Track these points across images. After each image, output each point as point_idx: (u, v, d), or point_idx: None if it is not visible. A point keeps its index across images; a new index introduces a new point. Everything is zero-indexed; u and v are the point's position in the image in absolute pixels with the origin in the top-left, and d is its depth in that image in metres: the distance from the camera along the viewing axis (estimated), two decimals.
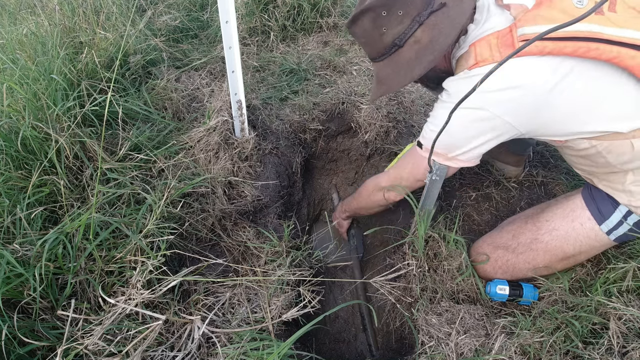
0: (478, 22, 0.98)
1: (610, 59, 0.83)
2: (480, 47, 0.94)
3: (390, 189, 1.26)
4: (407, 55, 1.02)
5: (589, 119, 0.91)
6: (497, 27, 0.93)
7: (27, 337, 0.82)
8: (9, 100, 1.23)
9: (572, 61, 0.86)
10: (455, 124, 0.97)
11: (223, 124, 1.41)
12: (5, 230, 1.01)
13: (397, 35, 1.01)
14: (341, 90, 1.86)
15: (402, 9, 0.98)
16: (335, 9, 2.36)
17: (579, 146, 0.98)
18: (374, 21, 1.01)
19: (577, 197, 1.11)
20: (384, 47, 1.05)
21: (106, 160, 1.22)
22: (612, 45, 0.82)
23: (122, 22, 1.84)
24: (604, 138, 0.93)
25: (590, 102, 0.90)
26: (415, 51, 1.01)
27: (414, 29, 0.99)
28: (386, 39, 1.03)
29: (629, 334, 0.97)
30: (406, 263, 1.23)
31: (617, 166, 0.97)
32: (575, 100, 0.89)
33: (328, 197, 2.01)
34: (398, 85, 1.06)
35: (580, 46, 0.83)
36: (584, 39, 0.82)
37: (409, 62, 1.02)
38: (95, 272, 0.97)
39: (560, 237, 1.10)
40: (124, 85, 1.59)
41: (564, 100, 0.89)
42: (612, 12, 0.84)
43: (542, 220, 1.14)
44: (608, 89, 0.89)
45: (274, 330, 1.01)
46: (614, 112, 0.90)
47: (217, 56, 1.99)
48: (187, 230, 1.19)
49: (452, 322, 1.09)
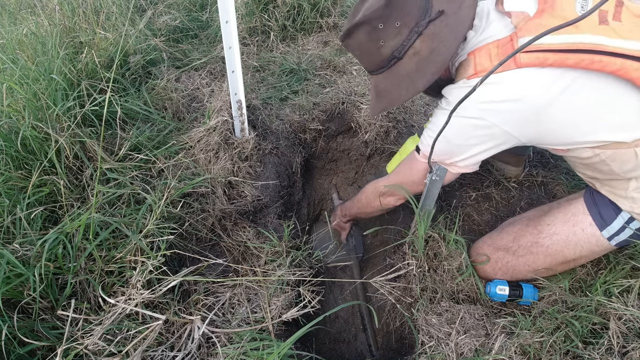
0: (477, 28, 0.96)
1: (614, 71, 0.82)
2: (480, 57, 0.92)
3: (389, 194, 1.25)
4: (408, 67, 0.99)
5: (591, 129, 0.90)
6: (497, 35, 0.92)
7: (27, 337, 0.82)
8: (9, 100, 1.23)
9: (574, 73, 0.85)
10: (454, 132, 0.97)
11: (223, 124, 1.41)
12: (5, 230, 1.01)
13: (396, 47, 0.98)
14: (341, 90, 1.86)
15: (399, 20, 0.95)
16: (335, 9, 2.36)
17: (582, 155, 0.97)
18: (370, 34, 0.98)
19: (579, 202, 1.10)
20: (382, 60, 1.01)
21: (106, 160, 1.22)
22: (616, 57, 0.81)
23: (122, 22, 1.83)
24: (607, 147, 0.92)
25: (593, 112, 0.89)
26: (416, 63, 0.98)
27: (413, 39, 0.96)
28: (384, 51, 0.99)
29: (629, 334, 0.97)
30: (406, 263, 1.23)
31: (621, 174, 0.96)
32: (576, 111, 0.88)
33: (328, 197, 2.01)
34: (400, 99, 1.03)
35: (583, 58, 0.82)
36: (588, 52, 0.81)
37: (409, 75, 0.99)
38: (95, 272, 0.97)
39: (561, 242, 1.09)
40: (124, 85, 1.59)
41: (565, 112, 0.88)
42: (617, 21, 0.83)
43: (544, 223, 1.14)
44: (611, 100, 0.88)
45: (274, 330, 1.01)
46: (616, 122, 0.89)
47: (217, 56, 1.99)
48: (187, 230, 1.19)
49: (452, 322, 1.09)
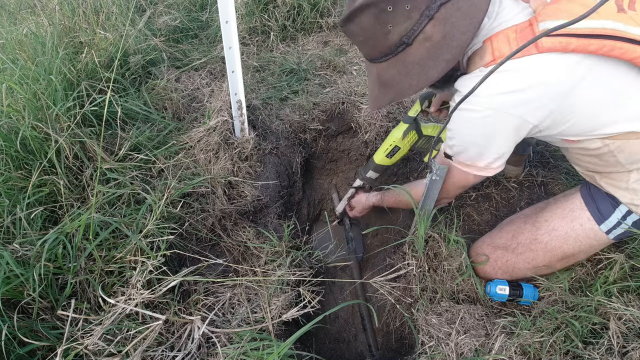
0: (491, 14, 0.90)
1: (633, 58, 0.81)
2: (498, 42, 0.87)
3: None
4: (418, 54, 0.92)
5: (610, 119, 0.89)
6: (513, 20, 0.87)
7: (27, 337, 0.82)
8: (9, 100, 1.23)
9: (594, 59, 0.84)
10: (480, 132, 0.92)
11: (223, 124, 1.41)
12: (5, 230, 1.01)
13: (405, 32, 0.90)
14: (341, 90, 1.86)
15: (409, 2, 0.87)
16: (335, 9, 2.37)
17: (590, 146, 0.95)
18: (377, 17, 0.90)
19: (576, 197, 1.11)
20: (389, 46, 0.93)
21: (106, 160, 1.22)
22: (636, 45, 0.80)
23: (122, 22, 1.83)
24: (618, 137, 0.91)
25: (612, 101, 0.87)
26: (427, 49, 0.91)
27: (424, 24, 0.88)
28: (392, 37, 0.91)
29: (629, 334, 0.97)
30: (406, 263, 1.23)
31: (626, 165, 0.95)
32: (597, 99, 0.87)
33: (328, 197, 2.01)
34: (410, 89, 0.95)
35: (605, 44, 0.80)
36: (609, 37, 0.80)
37: (420, 62, 0.92)
38: (95, 272, 0.97)
39: (560, 238, 1.09)
40: (124, 85, 1.59)
41: (586, 99, 0.86)
42: (632, 10, 0.82)
43: (541, 220, 1.14)
44: (627, 87, 0.87)
45: (274, 330, 1.01)
46: (633, 111, 0.88)
47: (217, 56, 1.99)
48: (187, 230, 1.19)
49: (452, 322, 1.09)
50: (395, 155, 1.46)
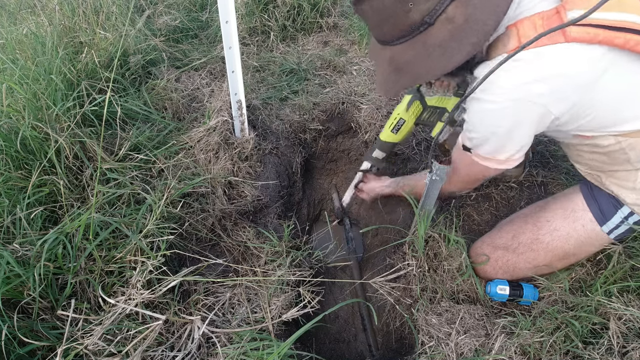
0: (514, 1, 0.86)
1: None
2: (524, 28, 0.83)
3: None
4: (440, 36, 0.86)
5: (630, 115, 0.87)
6: (538, 7, 0.84)
7: (27, 337, 0.82)
8: (9, 100, 1.23)
9: (617, 53, 0.82)
10: (502, 125, 0.90)
11: (223, 124, 1.41)
12: (5, 230, 1.01)
13: (427, 11, 0.84)
14: (341, 90, 1.86)
15: None
16: (335, 9, 2.37)
17: (602, 142, 0.94)
18: None
19: (577, 197, 1.10)
20: (409, 25, 0.87)
21: (106, 160, 1.22)
22: None
23: (121, 22, 1.84)
24: (632, 135, 0.89)
25: (633, 96, 0.86)
26: (450, 31, 0.85)
27: (446, 3, 0.83)
28: (413, 15, 0.85)
29: (629, 334, 0.97)
30: (406, 263, 1.23)
31: (635, 164, 0.94)
32: (617, 93, 0.85)
33: (328, 197, 2.01)
34: (430, 73, 0.88)
35: (630, 38, 0.79)
36: (634, 32, 0.78)
37: (442, 44, 0.86)
38: (95, 272, 0.97)
39: (562, 238, 1.09)
40: (124, 85, 1.59)
41: (607, 93, 0.85)
42: None
43: (543, 220, 1.14)
44: None
45: (274, 330, 1.01)
46: None
47: (217, 56, 1.99)
48: (187, 230, 1.19)
49: (452, 322, 1.09)
50: (401, 130, 1.41)
